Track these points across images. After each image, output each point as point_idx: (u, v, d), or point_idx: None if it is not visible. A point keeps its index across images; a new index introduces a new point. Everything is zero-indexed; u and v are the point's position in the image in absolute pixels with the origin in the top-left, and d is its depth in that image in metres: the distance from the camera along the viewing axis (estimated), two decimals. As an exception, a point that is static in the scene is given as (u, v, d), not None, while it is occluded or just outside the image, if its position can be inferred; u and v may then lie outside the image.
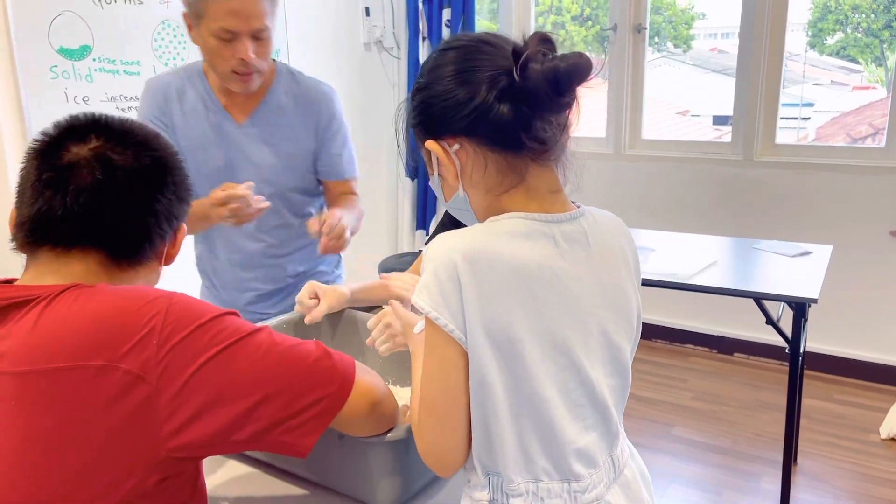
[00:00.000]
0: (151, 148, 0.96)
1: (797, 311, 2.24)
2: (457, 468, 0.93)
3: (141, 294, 0.87)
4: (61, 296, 0.85)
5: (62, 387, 0.79)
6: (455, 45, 0.91)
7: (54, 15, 2.51)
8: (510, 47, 0.88)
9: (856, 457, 2.78)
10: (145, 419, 0.81)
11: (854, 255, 3.28)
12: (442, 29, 3.95)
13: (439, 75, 0.90)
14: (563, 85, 0.85)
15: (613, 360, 0.97)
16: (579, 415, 0.94)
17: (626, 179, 3.80)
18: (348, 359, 0.97)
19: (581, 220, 0.94)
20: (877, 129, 3.70)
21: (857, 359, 3.39)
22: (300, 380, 0.89)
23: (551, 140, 0.89)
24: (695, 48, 4.28)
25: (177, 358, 0.82)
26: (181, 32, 2.91)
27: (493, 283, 0.85)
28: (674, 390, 3.36)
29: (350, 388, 0.93)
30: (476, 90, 0.86)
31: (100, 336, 0.81)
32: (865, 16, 3.65)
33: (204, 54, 1.59)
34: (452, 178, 0.93)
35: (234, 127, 1.68)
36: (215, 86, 1.68)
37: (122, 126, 0.95)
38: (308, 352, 0.92)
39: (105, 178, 0.90)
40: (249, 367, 0.86)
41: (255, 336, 0.89)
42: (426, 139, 0.93)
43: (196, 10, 1.52)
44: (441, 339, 0.87)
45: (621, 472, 1.00)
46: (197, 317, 0.86)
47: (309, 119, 1.72)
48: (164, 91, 1.67)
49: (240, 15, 1.49)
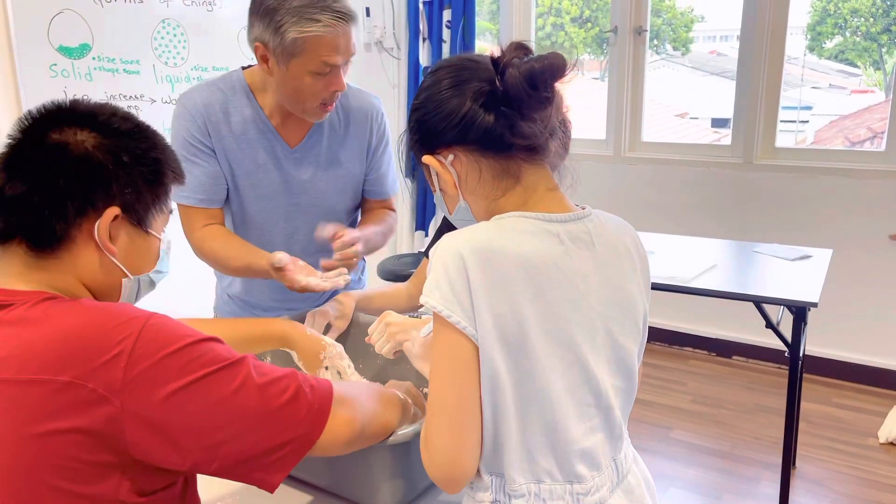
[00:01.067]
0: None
1: (797, 315, 2.23)
2: (466, 481, 0.91)
3: (118, 313, 0.84)
4: (40, 305, 0.84)
5: (26, 397, 0.78)
6: (444, 65, 0.98)
7: (54, 13, 2.50)
8: (488, 61, 0.94)
9: (855, 461, 2.78)
10: (109, 436, 0.79)
11: (854, 258, 3.28)
12: (442, 30, 3.95)
13: (430, 94, 0.96)
14: (539, 82, 0.89)
15: (619, 360, 0.97)
16: (585, 414, 0.94)
17: (625, 182, 3.80)
18: (325, 392, 0.93)
19: (586, 221, 0.96)
20: (875, 133, 3.71)
21: (857, 363, 3.39)
22: (269, 421, 0.86)
23: (536, 135, 0.92)
24: (694, 51, 4.29)
25: (143, 384, 0.79)
26: (181, 31, 2.91)
27: (501, 277, 0.86)
28: (673, 393, 3.36)
29: (322, 428, 0.90)
30: (463, 101, 0.92)
31: (70, 352, 0.79)
32: (864, 20, 3.66)
33: (287, 91, 1.47)
34: (451, 188, 0.97)
35: (287, 152, 1.59)
36: (267, 107, 1.56)
37: (47, 109, 0.93)
38: (283, 388, 0.88)
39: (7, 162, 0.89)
40: (220, 403, 0.83)
41: (231, 369, 0.85)
42: (423, 154, 0.98)
43: (288, 50, 1.40)
44: (453, 337, 0.87)
45: (625, 477, 1.00)
46: (170, 342, 0.82)
47: (361, 139, 1.66)
48: (206, 111, 1.53)
49: (340, 48, 1.42)
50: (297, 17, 1.37)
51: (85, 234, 0.90)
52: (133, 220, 0.94)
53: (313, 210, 1.63)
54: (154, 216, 0.96)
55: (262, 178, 1.58)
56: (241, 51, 3.07)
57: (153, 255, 0.99)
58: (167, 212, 1.00)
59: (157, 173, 0.95)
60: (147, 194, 0.94)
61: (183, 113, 1.54)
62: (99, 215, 0.89)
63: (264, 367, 0.89)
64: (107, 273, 0.93)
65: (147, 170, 0.94)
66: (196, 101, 1.53)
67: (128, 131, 0.94)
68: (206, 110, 1.53)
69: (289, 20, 1.37)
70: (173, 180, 0.99)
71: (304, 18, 1.37)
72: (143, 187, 0.93)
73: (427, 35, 4.02)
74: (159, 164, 0.96)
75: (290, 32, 1.37)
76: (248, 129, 1.55)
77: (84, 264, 0.91)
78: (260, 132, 1.56)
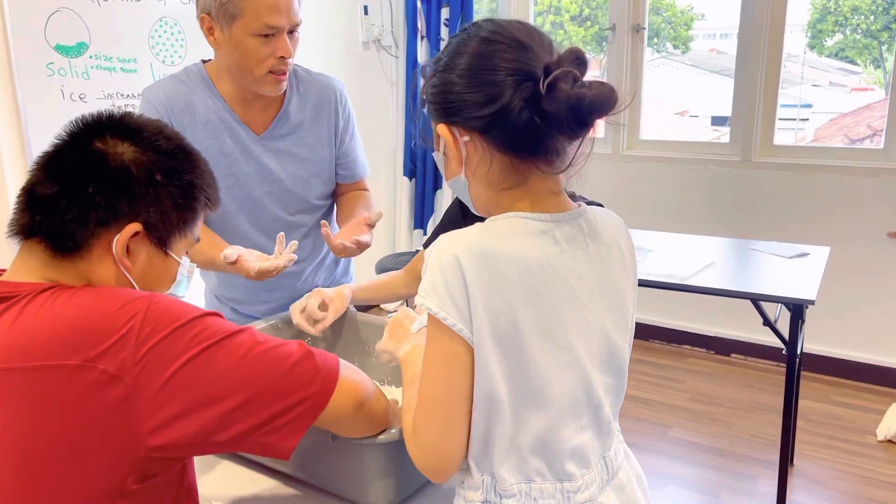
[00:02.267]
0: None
1: (794, 313, 2.23)
2: (453, 472, 0.92)
3: (121, 295, 0.86)
4: (42, 294, 0.85)
5: (38, 385, 0.79)
6: (486, 34, 0.88)
7: (51, 12, 2.50)
8: (543, 55, 0.87)
9: (852, 458, 2.78)
10: (122, 418, 0.80)
11: (852, 256, 3.28)
12: (440, 28, 3.95)
13: (462, 63, 0.88)
14: (584, 115, 0.84)
15: (611, 358, 0.97)
16: (577, 413, 0.94)
17: (624, 180, 3.79)
18: (332, 357, 0.95)
19: (580, 220, 0.95)
20: (875, 131, 3.70)
21: (855, 360, 3.39)
22: (282, 381, 0.88)
23: (559, 154, 0.90)
24: (694, 49, 4.28)
25: (155, 359, 0.81)
26: (178, 30, 2.91)
27: (498, 279, 0.86)
28: (671, 391, 3.36)
29: (333, 387, 0.92)
30: (498, 94, 0.85)
31: (77, 336, 0.81)
32: (865, 17, 3.65)
33: (235, 58, 1.48)
34: (457, 164, 0.94)
35: (253, 140, 1.60)
36: (227, 95, 1.57)
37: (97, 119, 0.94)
38: (290, 352, 0.90)
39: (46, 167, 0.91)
40: (230, 369, 0.85)
41: (237, 337, 0.87)
42: (438, 121, 0.93)
43: (229, 11, 1.43)
44: (447, 337, 0.87)
45: (615, 474, 1.00)
46: (177, 318, 0.84)
47: (328, 122, 1.66)
48: (169, 103, 1.54)
49: (281, 9, 1.44)
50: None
51: (104, 245, 0.90)
52: (154, 238, 0.94)
53: (287, 197, 1.64)
54: (177, 239, 0.96)
55: (232, 166, 1.59)
56: (238, 49, 3.07)
57: (169, 278, 0.99)
58: (192, 237, 1.00)
59: (189, 197, 0.96)
60: (173, 215, 0.94)
61: (146, 106, 1.55)
62: (120, 228, 0.90)
63: (267, 334, 0.92)
64: (119, 287, 0.93)
65: (178, 192, 0.94)
66: (158, 94, 1.55)
67: (168, 151, 0.94)
68: (168, 102, 1.54)
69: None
70: (205, 206, 0.99)
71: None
72: (171, 208, 0.94)
73: (425, 33, 4.01)
74: (192, 188, 0.96)
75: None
76: (211, 118, 1.56)
77: (98, 274, 0.91)
78: (223, 122, 1.57)
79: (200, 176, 0.98)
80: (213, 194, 1.01)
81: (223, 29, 1.45)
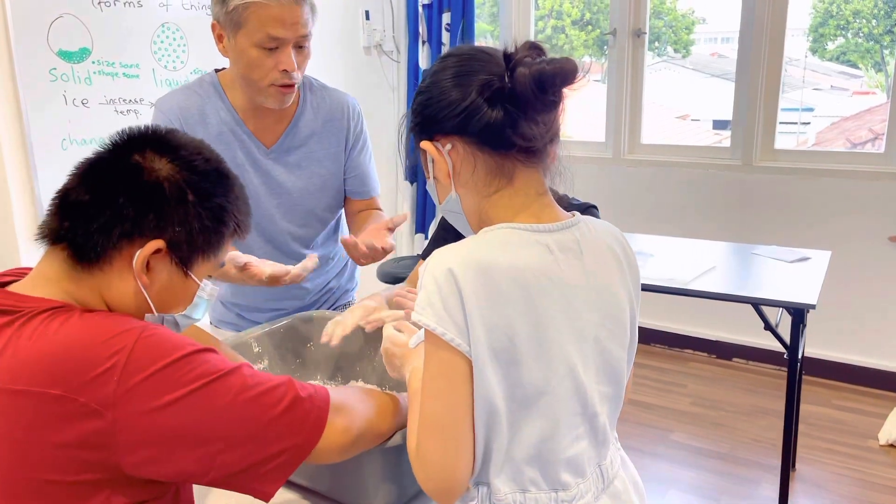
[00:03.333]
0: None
1: (796, 317, 2.23)
2: (459, 493, 0.91)
3: (112, 325, 0.84)
4: (40, 316, 0.84)
5: (18, 408, 0.78)
6: (455, 52, 0.96)
7: (53, 17, 2.51)
8: (500, 53, 0.92)
9: (854, 463, 2.77)
10: (101, 449, 0.79)
11: (853, 260, 3.28)
12: (442, 33, 3.95)
13: (437, 79, 0.94)
14: (548, 85, 0.88)
15: (607, 367, 0.97)
16: (572, 423, 0.94)
17: (625, 184, 3.79)
18: (321, 401, 0.92)
19: (574, 230, 0.95)
20: (876, 135, 3.70)
21: (856, 364, 3.38)
22: (266, 430, 0.86)
23: (537, 138, 0.91)
24: (695, 53, 4.29)
25: (137, 397, 0.79)
26: (181, 35, 2.92)
27: (494, 290, 0.86)
28: (672, 395, 3.36)
29: (318, 437, 0.90)
30: (469, 91, 0.90)
31: (62, 365, 0.79)
32: (866, 21, 3.66)
33: (240, 68, 1.47)
34: (445, 177, 0.96)
35: (263, 153, 1.59)
36: (239, 107, 1.57)
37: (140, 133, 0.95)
38: (277, 399, 0.88)
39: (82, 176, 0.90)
40: (213, 415, 0.83)
41: (225, 379, 0.85)
42: (421, 139, 0.96)
43: (234, 19, 1.41)
44: (446, 353, 0.86)
45: (611, 482, 1.00)
46: (165, 355, 0.82)
47: (338, 137, 1.66)
48: (183, 114, 1.54)
49: (286, 22, 1.41)
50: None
51: (125, 258, 0.89)
52: (176, 258, 0.92)
53: (295, 210, 1.64)
54: (200, 261, 0.95)
55: (242, 178, 1.56)
56: (240, 54, 3.08)
57: (187, 299, 0.97)
58: (216, 261, 0.98)
59: (217, 220, 0.94)
60: (199, 237, 0.92)
61: (160, 117, 1.54)
62: (143, 244, 0.89)
63: (259, 376, 0.89)
64: (135, 303, 0.92)
65: (207, 214, 0.92)
66: (172, 105, 1.54)
67: (205, 171, 0.93)
68: (182, 113, 1.53)
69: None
70: (234, 232, 0.98)
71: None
72: (198, 229, 0.92)
73: (426, 38, 4.02)
74: (223, 212, 0.94)
75: (232, 2, 1.39)
76: (223, 130, 1.56)
77: (115, 288, 0.90)
78: (235, 134, 1.56)
79: (233, 201, 0.96)
80: (244, 221, 0.99)
81: (230, 37, 1.44)
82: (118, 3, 2.69)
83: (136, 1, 2.74)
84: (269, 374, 0.91)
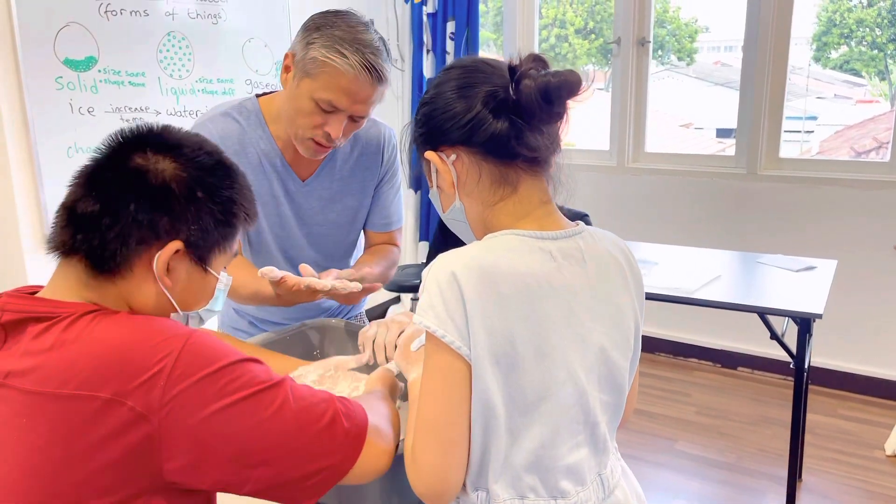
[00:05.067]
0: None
1: (802, 326, 2.22)
2: (451, 497, 0.91)
3: (158, 329, 0.84)
4: (83, 318, 0.84)
5: (68, 413, 0.78)
6: (459, 64, 0.98)
7: (60, 26, 2.53)
8: (505, 65, 0.93)
9: (861, 473, 2.76)
10: (146, 455, 0.79)
11: (859, 269, 3.27)
12: (446, 41, 3.96)
13: (441, 91, 0.95)
14: (553, 97, 0.89)
15: (609, 375, 0.97)
16: (573, 431, 0.94)
17: (629, 192, 3.79)
18: (361, 421, 0.91)
19: (577, 239, 0.96)
20: (880, 143, 3.70)
21: (863, 374, 3.37)
22: (305, 447, 0.85)
23: (542, 148, 0.92)
24: (698, 61, 4.30)
25: (181, 405, 0.79)
26: (186, 44, 2.93)
27: (496, 295, 0.86)
28: (677, 404, 3.35)
29: (356, 458, 0.89)
30: (473, 103, 0.92)
31: (111, 368, 0.79)
32: (870, 30, 3.66)
33: (290, 108, 1.44)
34: (449, 186, 0.97)
35: (298, 185, 1.58)
36: (280, 138, 1.54)
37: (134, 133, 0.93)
38: (319, 415, 0.87)
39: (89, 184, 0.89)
40: (256, 427, 0.83)
41: (268, 392, 0.85)
42: (426, 150, 0.97)
43: (308, 68, 1.37)
44: (446, 355, 0.87)
45: (612, 491, 1.00)
46: (210, 362, 0.82)
47: (373, 170, 1.65)
48: (222, 142, 1.48)
49: (352, 96, 1.37)
50: (329, 43, 1.35)
51: (144, 263, 0.89)
52: (194, 256, 0.92)
53: (323, 240, 1.64)
54: (217, 255, 0.95)
55: (278, 208, 1.58)
56: (245, 63, 3.09)
57: (208, 293, 0.97)
58: (231, 252, 0.98)
59: (229, 213, 0.94)
60: (214, 233, 0.93)
61: None
62: (161, 246, 0.89)
63: (302, 390, 0.88)
64: (158, 304, 0.92)
65: (219, 208, 0.92)
66: (212, 132, 1.50)
67: (209, 167, 0.93)
68: (221, 142, 1.50)
69: (321, 42, 1.36)
70: (244, 222, 0.98)
71: (333, 47, 1.35)
72: (212, 225, 0.92)
73: (431, 47, 4.03)
74: (232, 204, 0.94)
75: (314, 51, 1.36)
76: (262, 161, 1.54)
77: (137, 292, 0.90)
78: (273, 166, 1.55)
79: (240, 191, 0.96)
80: (251, 209, 0.99)
81: (295, 76, 1.41)
82: (124, 11, 2.71)
83: (142, 10, 2.76)
84: (310, 387, 0.91)
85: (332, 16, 1.39)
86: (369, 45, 1.36)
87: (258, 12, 3.16)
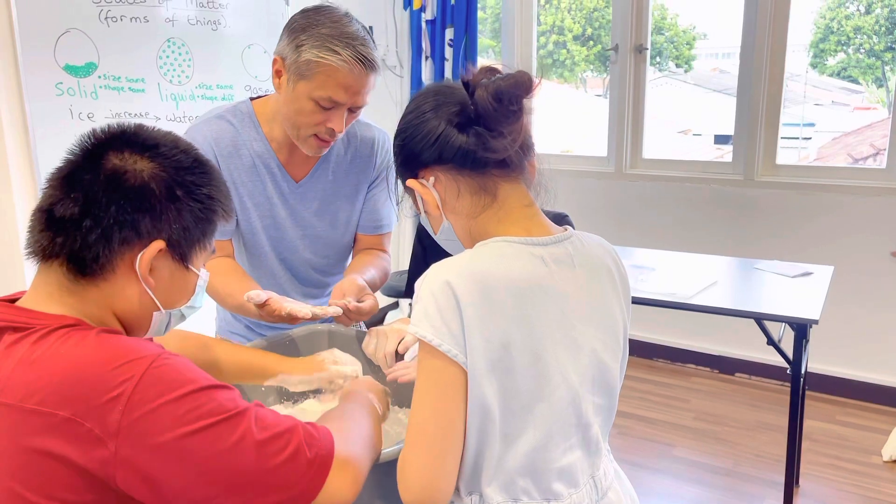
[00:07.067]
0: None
1: (798, 332, 2.23)
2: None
3: (126, 351, 0.82)
4: (54, 333, 0.83)
5: (28, 427, 0.78)
6: (421, 93, 1.03)
7: (60, 32, 2.54)
8: (459, 83, 0.98)
9: (858, 479, 2.76)
10: (101, 478, 0.78)
11: (855, 275, 3.28)
12: (445, 48, 3.98)
13: (410, 120, 1.00)
14: (506, 98, 0.93)
15: (601, 378, 0.98)
16: (566, 433, 0.95)
17: (626, 198, 3.80)
18: (326, 449, 0.89)
19: (566, 244, 0.98)
20: (878, 150, 3.72)
21: (860, 380, 3.38)
22: (264, 479, 0.83)
23: (507, 148, 0.95)
24: (696, 68, 4.31)
25: (139, 430, 0.77)
26: (186, 50, 2.94)
27: (490, 301, 0.87)
28: (675, 410, 3.35)
29: (319, 488, 0.87)
30: (438, 122, 0.96)
31: (74, 388, 0.78)
32: (868, 37, 3.68)
33: (289, 111, 1.45)
34: (434, 209, 1.00)
35: (292, 187, 1.58)
36: (273, 139, 1.55)
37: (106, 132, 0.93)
38: (281, 447, 0.85)
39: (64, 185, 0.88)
40: (214, 458, 0.80)
41: (229, 422, 0.82)
42: (407, 178, 1.01)
43: (302, 70, 1.38)
44: (440, 363, 0.88)
45: (605, 494, 1.01)
46: (172, 388, 0.80)
47: (366, 172, 1.66)
48: (216, 144, 1.51)
49: (351, 89, 1.39)
50: (319, 42, 1.37)
51: (126, 264, 0.88)
52: (176, 255, 0.92)
53: (318, 242, 1.64)
54: (197, 252, 0.95)
55: (272, 209, 1.59)
56: (245, 69, 3.10)
57: (189, 290, 0.98)
58: (210, 248, 0.98)
59: (208, 210, 0.94)
60: (194, 230, 0.93)
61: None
62: (143, 247, 0.88)
63: (267, 419, 0.86)
64: (141, 305, 0.92)
65: (199, 206, 0.93)
66: (205, 134, 1.52)
67: (187, 165, 0.93)
68: (215, 144, 1.52)
69: (310, 42, 1.37)
70: (222, 217, 0.98)
71: (324, 46, 1.36)
72: (192, 223, 0.92)
73: (430, 53, 4.05)
74: (211, 201, 0.95)
75: (307, 54, 1.37)
76: (256, 163, 1.55)
77: (120, 294, 0.90)
78: (267, 167, 1.56)
79: (217, 188, 0.96)
80: (228, 205, 0.99)
81: (289, 80, 1.42)
82: (124, 18, 2.72)
83: (142, 16, 2.77)
84: (277, 414, 0.88)
85: (314, 13, 1.41)
86: (357, 37, 1.39)
87: (258, 18, 3.18)
